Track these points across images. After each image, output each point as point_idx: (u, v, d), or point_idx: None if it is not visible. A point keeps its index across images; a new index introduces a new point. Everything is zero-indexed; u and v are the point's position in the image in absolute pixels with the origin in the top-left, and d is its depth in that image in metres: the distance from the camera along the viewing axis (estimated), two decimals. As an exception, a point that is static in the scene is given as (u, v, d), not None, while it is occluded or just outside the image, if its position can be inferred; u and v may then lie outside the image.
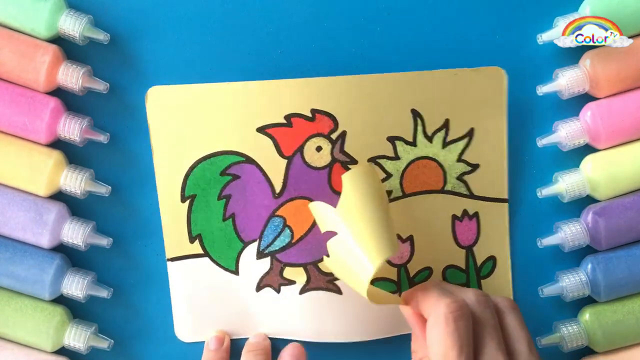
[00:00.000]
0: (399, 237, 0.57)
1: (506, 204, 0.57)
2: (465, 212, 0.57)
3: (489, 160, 0.56)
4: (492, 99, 0.56)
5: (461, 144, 0.56)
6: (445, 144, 0.56)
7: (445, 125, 0.56)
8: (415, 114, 0.55)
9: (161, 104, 0.55)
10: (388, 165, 0.56)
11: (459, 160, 0.56)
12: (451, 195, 0.56)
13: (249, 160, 0.55)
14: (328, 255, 0.52)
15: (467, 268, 0.57)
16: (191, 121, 0.54)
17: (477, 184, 0.56)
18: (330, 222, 0.51)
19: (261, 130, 0.54)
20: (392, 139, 0.55)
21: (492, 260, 0.57)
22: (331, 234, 0.51)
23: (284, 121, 0.54)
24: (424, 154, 0.56)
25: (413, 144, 0.56)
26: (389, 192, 0.56)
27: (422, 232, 0.57)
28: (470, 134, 0.56)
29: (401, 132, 0.55)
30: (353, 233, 0.49)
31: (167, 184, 0.55)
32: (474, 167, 0.56)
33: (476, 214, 0.57)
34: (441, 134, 0.56)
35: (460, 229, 0.57)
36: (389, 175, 0.56)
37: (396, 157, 0.56)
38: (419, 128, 0.55)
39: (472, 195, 0.57)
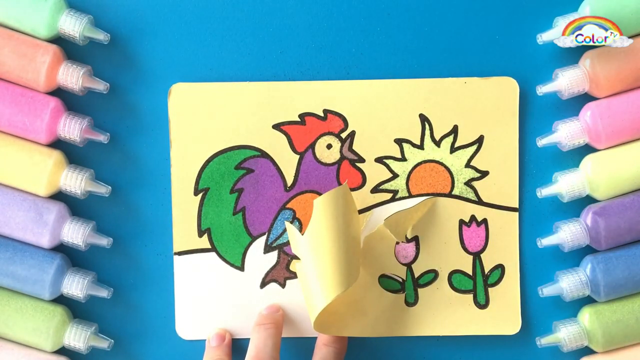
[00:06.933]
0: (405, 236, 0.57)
1: (516, 213, 0.57)
2: (473, 217, 0.57)
3: (499, 169, 0.57)
4: (503, 108, 0.56)
5: (470, 150, 0.57)
6: (453, 149, 0.57)
7: (454, 131, 0.57)
8: (423, 119, 0.56)
9: (183, 100, 0.56)
10: (394, 165, 0.57)
11: (468, 166, 0.57)
12: (459, 200, 0.57)
13: (263, 154, 0.57)
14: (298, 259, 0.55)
15: (474, 274, 0.57)
16: (210, 117, 0.56)
17: (486, 191, 0.57)
18: (299, 247, 0.54)
19: (277, 127, 0.57)
20: (399, 141, 0.57)
21: (500, 268, 0.57)
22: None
23: (298, 119, 0.57)
24: (431, 157, 0.57)
25: (420, 147, 0.57)
26: (395, 192, 0.57)
27: (428, 233, 0.57)
28: (479, 141, 0.57)
29: (409, 135, 0.57)
30: (315, 263, 0.52)
31: (182, 177, 0.57)
32: (483, 174, 0.57)
33: (485, 221, 0.57)
34: (449, 139, 0.57)
35: (467, 235, 0.57)
36: (395, 175, 0.57)
37: (403, 159, 0.57)
38: (427, 132, 0.57)
39: (480, 202, 0.57)
